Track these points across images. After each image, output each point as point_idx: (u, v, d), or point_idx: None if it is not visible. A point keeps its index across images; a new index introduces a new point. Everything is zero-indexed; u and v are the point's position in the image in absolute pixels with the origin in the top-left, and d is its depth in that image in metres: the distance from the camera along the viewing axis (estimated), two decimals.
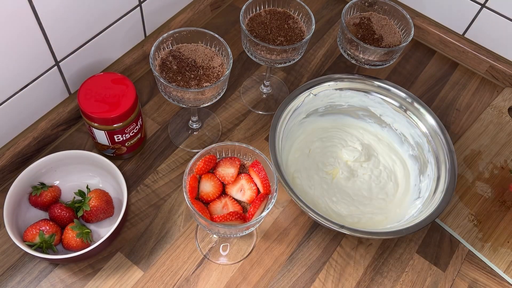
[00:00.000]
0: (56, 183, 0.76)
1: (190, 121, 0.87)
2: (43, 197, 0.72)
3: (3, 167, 0.76)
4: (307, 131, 0.85)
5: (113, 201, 0.75)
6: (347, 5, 0.82)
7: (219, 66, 0.73)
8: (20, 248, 0.66)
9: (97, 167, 0.76)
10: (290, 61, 0.78)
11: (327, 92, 0.82)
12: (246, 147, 0.65)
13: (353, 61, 0.83)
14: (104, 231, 0.74)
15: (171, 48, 0.74)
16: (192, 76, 0.72)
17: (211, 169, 0.66)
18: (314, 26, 0.77)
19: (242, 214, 0.62)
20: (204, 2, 0.98)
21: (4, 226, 0.67)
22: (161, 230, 0.77)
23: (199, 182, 0.64)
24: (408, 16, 0.82)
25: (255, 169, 0.64)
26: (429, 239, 0.80)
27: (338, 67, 0.99)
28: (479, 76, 1.00)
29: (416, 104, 0.81)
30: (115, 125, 0.73)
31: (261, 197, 0.62)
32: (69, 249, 0.70)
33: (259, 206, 0.61)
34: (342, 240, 0.79)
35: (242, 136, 0.88)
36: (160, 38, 0.71)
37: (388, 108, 0.83)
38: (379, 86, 0.83)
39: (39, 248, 0.68)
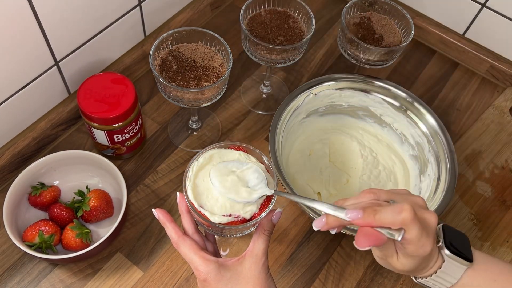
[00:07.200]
0: (56, 183, 0.76)
1: (190, 121, 0.87)
2: (42, 197, 0.72)
3: (3, 167, 0.76)
4: (307, 131, 0.85)
5: (112, 201, 0.75)
6: (347, 5, 0.82)
7: (219, 66, 0.73)
8: (20, 248, 0.66)
9: (96, 167, 0.76)
10: (290, 61, 0.78)
11: (327, 92, 0.82)
12: (246, 147, 0.65)
13: (353, 61, 0.83)
14: (103, 231, 0.74)
15: (171, 47, 0.74)
16: (192, 76, 0.72)
17: None
18: (314, 26, 0.77)
19: None
20: (204, 2, 0.98)
21: (4, 226, 0.67)
22: (161, 230, 0.76)
23: None
24: (409, 16, 0.82)
25: None
26: None
27: (338, 67, 0.98)
28: (480, 76, 1.00)
29: (416, 104, 0.81)
30: (114, 125, 0.73)
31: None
32: (68, 249, 0.70)
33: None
34: (342, 240, 0.78)
35: (242, 136, 0.88)
36: (160, 38, 0.71)
37: (388, 108, 0.83)
38: (379, 86, 0.82)
39: (38, 248, 0.68)
